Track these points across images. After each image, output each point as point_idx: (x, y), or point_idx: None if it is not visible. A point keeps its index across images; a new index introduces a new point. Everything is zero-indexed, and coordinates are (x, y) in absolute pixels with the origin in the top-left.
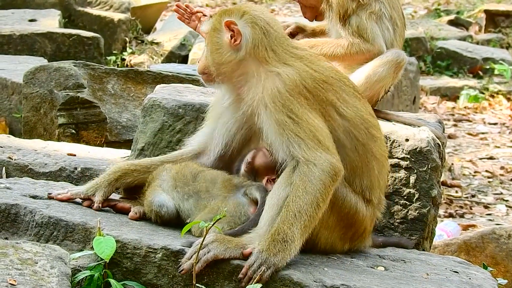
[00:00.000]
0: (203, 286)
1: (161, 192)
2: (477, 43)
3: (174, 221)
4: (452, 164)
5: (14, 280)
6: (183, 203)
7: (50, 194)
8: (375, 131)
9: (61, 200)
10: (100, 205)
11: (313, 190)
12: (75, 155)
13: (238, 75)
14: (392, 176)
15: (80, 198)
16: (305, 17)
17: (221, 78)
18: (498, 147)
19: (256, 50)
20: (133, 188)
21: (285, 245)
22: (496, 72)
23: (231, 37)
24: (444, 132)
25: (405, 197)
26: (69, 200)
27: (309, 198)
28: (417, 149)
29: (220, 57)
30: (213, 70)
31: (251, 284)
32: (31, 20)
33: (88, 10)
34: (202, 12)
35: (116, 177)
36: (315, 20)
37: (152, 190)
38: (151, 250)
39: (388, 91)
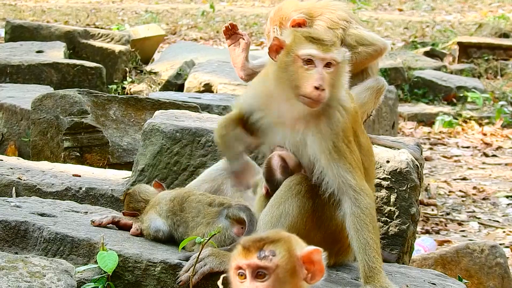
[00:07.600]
0: None
1: (156, 217)
2: (451, 72)
3: (172, 240)
4: (429, 184)
5: None
6: (175, 231)
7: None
8: (372, 156)
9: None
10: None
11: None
12: (80, 176)
13: None
14: (374, 195)
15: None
16: None
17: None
18: (471, 168)
19: None
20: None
21: None
22: (469, 99)
23: None
24: (421, 155)
25: (386, 215)
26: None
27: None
28: (397, 170)
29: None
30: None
31: None
32: (38, 52)
33: (91, 42)
34: (242, 36)
35: None
36: None
37: (149, 216)
38: (151, 263)
39: (370, 115)
